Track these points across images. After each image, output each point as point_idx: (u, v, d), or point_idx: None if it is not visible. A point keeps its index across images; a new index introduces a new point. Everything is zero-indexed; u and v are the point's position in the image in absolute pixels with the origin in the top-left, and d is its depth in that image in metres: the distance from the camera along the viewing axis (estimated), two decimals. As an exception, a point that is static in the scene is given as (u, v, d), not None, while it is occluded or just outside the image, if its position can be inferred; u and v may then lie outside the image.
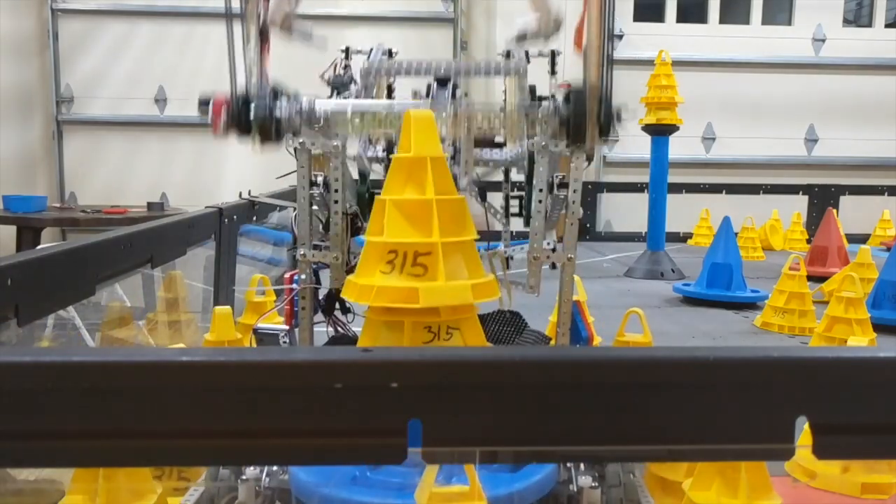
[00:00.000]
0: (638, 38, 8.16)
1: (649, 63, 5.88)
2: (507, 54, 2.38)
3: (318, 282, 2.07)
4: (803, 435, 0.76)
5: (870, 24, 8.43)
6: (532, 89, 2.15)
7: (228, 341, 2.56)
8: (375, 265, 1.41)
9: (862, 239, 6.74)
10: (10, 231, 6.18)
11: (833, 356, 0.78)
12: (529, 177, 1.95)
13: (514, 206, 2.43)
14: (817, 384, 0.76)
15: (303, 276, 1.95)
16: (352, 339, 1.92)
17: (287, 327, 2.03)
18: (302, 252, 1.89)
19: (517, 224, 2.37)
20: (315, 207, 1.89)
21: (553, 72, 2.51)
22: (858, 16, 8.67)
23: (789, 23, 8.35)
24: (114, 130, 8.07)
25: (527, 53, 2.41)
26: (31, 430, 0.70)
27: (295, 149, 1.87)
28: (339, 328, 2.05)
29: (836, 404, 0.76)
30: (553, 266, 1.90)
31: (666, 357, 0.77)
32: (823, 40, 8.27)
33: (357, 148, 2.12)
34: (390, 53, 2.38)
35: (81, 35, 7.91)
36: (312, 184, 1.84)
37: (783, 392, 0.76)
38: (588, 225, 8.01)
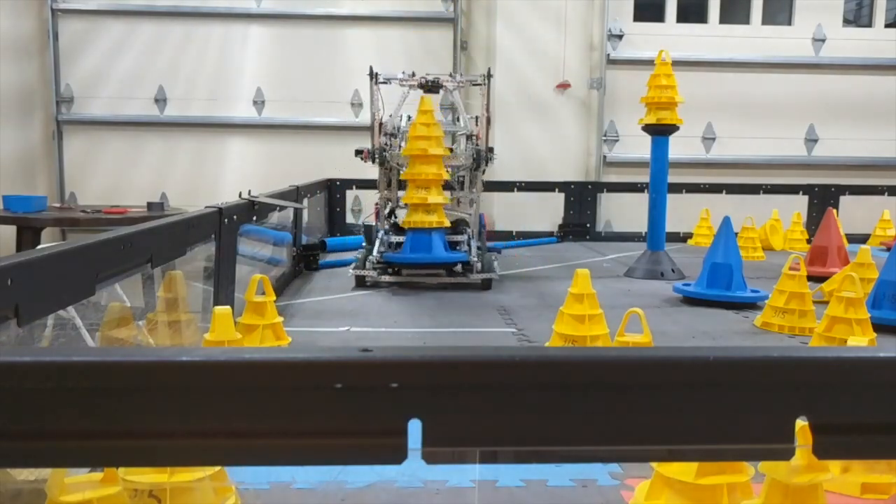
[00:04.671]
0: (638, 38, 8.17)
1: (649, 63, 5.89)
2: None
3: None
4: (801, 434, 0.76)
5: (870, 24, 8.43)
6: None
7: (228, 341, 2.56)
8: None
9: (862, 239, 6.74)
10: (10, 231, 6.19)
11: (833, 356, 0.78)
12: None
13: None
14: (817, 384, 0.76)
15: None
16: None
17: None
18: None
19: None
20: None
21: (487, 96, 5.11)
22: (858, 16, 8.67)
23: (789, 23, 8.35)
24: (114, 130, 8.07)
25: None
26: (31, 430, 0.70)
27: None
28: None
29: (836, 404, 0.76)
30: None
31: (666, 357, 0.77)
32: (823, 40, 8.27)
33: None
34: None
35: (81, 35, 7.92)
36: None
37: (783, 392, 0.76)
38: (588, 225, 8.02)
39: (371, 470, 1.75)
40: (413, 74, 5.19)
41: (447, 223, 4.81)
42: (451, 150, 5.13)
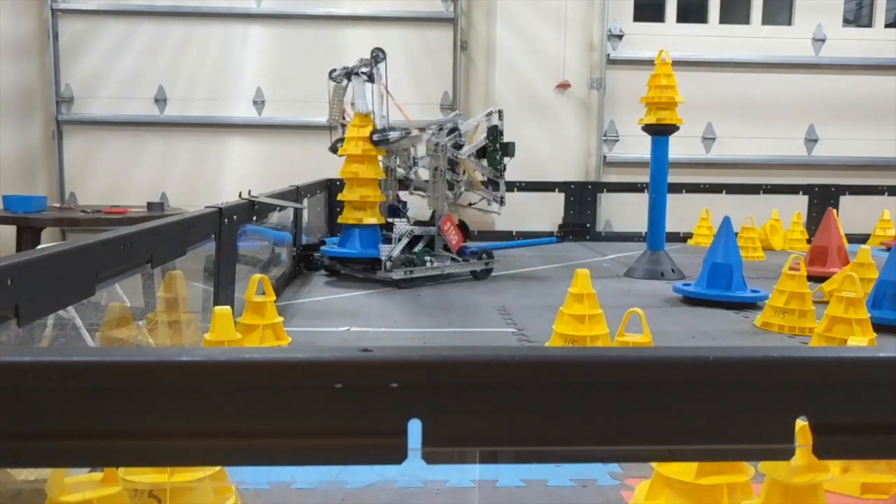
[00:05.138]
0: (638, 38, 8.17)
1: (649, 63, 5.89)
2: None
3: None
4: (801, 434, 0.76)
5: (870, 24, 8.43)
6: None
7: (228, 341, 2.57)
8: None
9: (862, 239, 6.75)
10: (10, 231, 6.19)
11: (833, 356, 0.78)
12: None
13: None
14: (817, 384, 0.76)
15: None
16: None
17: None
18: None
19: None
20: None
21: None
22: (858, 16, 8.67)
23: (789, 23, 8.35)
24: (114, 130, 8.07)
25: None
26: (31, 430, 0.70)
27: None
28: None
29: (836, 404, 0.76)
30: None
31: (666, 357, 0.77)
32: (823, 40, 8.27)
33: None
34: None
35: (81, 35, 7.92)
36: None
37: (783, 392, 0.76)
38: (588, 225, 8.02)
39: (371, 470, 1.75)
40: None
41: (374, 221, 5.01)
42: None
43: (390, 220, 5.15)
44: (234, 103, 8.12)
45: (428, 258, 4.96)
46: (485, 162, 5.22)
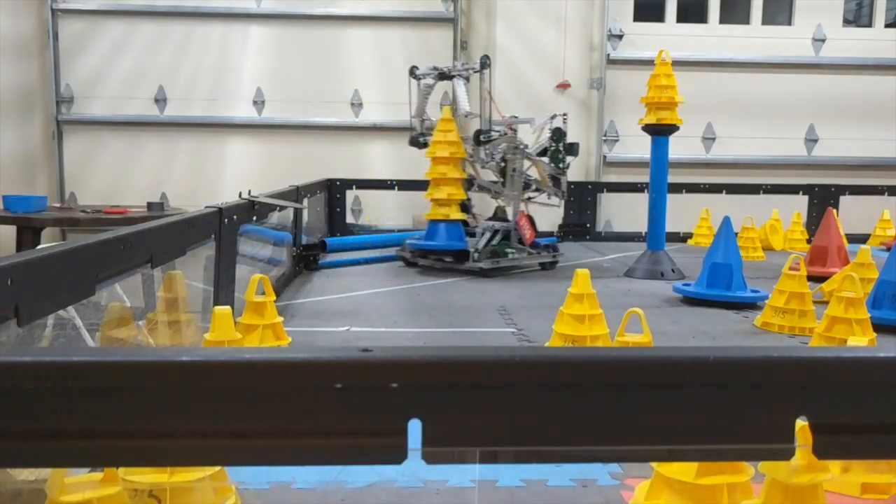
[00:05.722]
0: (638, 38, 8.16)
1: (649, 63, 5.89)
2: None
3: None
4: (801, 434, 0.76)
5: (870, 24, 8.43)
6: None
7: (228, 341, 2.56)
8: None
9: (862, 239, 6.74)
10: (10, 231, 6.19)
11: (833, 356, 0.78)
12: None
13: None
14: (817, 384, 0.76)
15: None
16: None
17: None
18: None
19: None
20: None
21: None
22: (858, 16, 8.67)
23: (789, 23, 8.35)
24: (114, 130, 8.07)
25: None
26: (31, 430, 0.70)
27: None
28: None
29: (836, 404, 0.76)
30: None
31: (666, 357, 0.77)
32: (823, 40, 8.27)
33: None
34: None
35: (81, 35, 7.92)
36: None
37: (783, 392, 0.76)
38: (588, 225, 8.02)
39: (371, 470, 1.75)
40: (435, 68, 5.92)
41: (458, 216, 5.47)
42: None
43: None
44: (234, 103, 8.12)
45: (509, 250, 5.42)
46: (546, 160, 5.70)
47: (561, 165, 5.69)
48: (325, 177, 7.34)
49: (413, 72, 5.92)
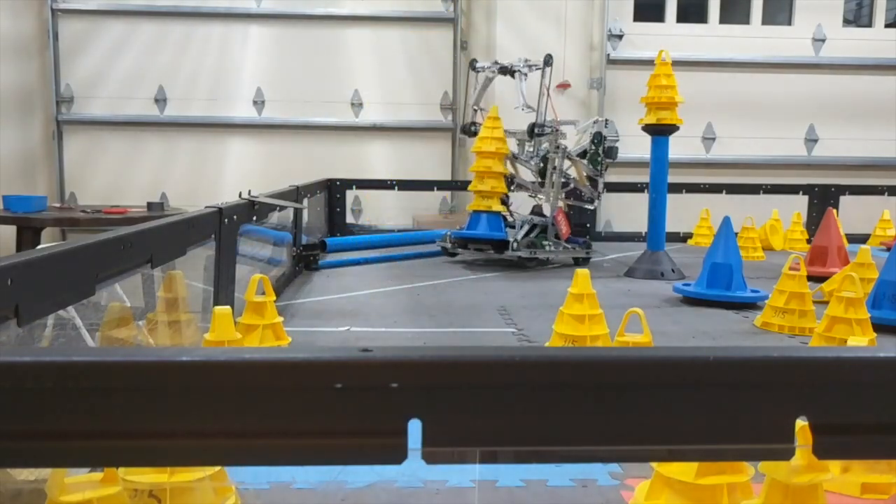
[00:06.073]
0: (638, 38, 8.17)
1: (649, 63, 5.88)
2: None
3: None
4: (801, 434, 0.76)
5: (870, 24, 8.43)
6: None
7: (228, 341, 2.56)
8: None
9: (862, 239, 6.74)
10: (10, 231, 6.19)
11: (833, 356, 0.78)
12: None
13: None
14: (817, 384, 0.76)
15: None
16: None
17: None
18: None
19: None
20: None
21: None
22: (858, 16, 8.67)
23: (789, 23, 8.35)
24: (114, 130, 8.07)
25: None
26: (31, 430, 0.70)
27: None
28: None
29: (836, 404, 0.76)
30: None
31: (666, 357, 0.77)
32: (823, 40, 8.27)
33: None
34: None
35: (81, 35, 7.92)
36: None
37: (783, 392, 0.76)
38: (588, 225, 8.01)
39: (371, 470, 1.75)
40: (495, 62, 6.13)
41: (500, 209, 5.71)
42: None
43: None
44: (234, 103, 8.12)
45: (545, 243, 5.70)
46: (585, 161, 5.94)
47: (599, 168, 5.97)
48: (325, 177, 7.33)
49: (473, 65, 6.17)
